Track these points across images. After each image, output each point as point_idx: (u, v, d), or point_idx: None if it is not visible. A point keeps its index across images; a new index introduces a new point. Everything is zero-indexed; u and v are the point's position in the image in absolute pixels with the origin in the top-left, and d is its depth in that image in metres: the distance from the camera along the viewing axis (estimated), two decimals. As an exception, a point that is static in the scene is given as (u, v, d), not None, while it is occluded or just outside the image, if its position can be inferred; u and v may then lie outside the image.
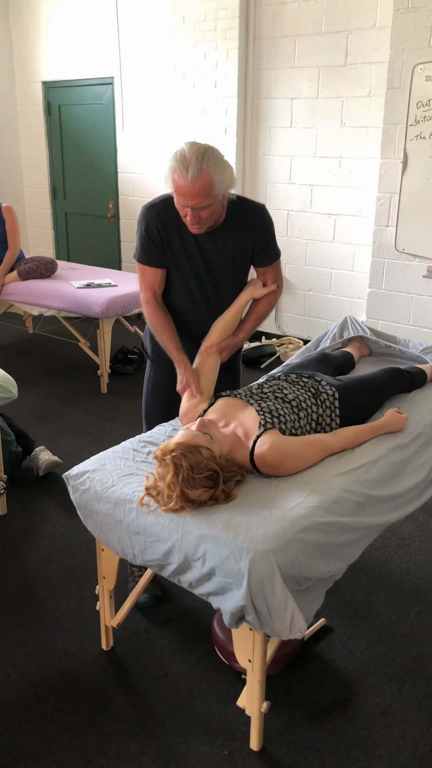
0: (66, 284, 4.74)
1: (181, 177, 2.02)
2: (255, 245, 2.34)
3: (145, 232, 2.29)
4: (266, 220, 2.35)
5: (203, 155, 2.01)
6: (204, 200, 2.05)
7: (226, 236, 2.29)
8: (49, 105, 6.58)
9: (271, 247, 2.38)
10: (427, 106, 3.93)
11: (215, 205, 2.11)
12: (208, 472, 1.77)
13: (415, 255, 4.23)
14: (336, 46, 4.59)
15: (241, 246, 2.32)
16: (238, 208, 2.29)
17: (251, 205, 2.33)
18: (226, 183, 2.09)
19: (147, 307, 2.38)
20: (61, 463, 3.44)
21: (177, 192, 2.07)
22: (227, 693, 2.12)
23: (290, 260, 5.29)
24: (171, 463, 1.77)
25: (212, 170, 2.02)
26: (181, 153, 2.03)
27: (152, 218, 2.27)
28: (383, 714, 2.04)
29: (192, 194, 2.03)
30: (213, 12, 4.97)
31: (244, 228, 2.30)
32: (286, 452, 1.90)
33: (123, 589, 2.49)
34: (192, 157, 2.00)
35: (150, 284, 2.36)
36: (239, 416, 2.02)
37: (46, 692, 2.12)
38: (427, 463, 2.23)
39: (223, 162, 2.07)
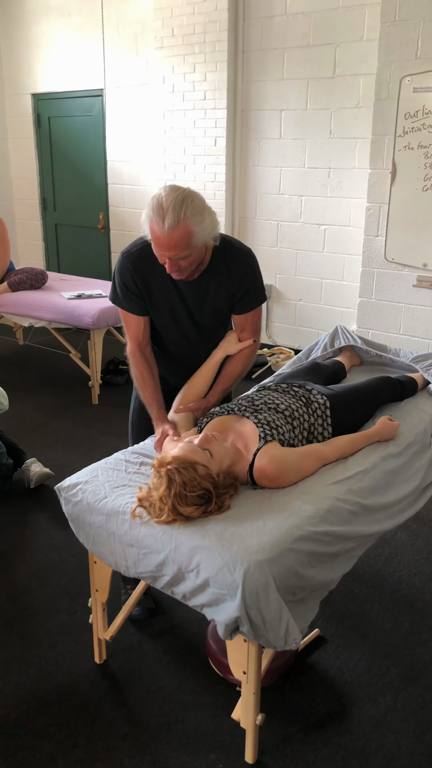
0: (56, 295, 4.73)
1: (158, 228, 1.89)
2: (236, 293, 2.21)
3: (122, 282, 2.20)
4: (251, 269, 2.21)
5: (181, 205, 1.87)
6: (182, 252, 1.93)
7: (208, 283, 2.18)
8: (38, 117, 6.60)
9: (252, 296, 2.24)
10: (415, 118, 3.97)
11: (195, 254, 2.00)
12: (201, 491, 1.75)
13: (405, 264, 4.26)
14: (324, 59, 4.64)
15: (222, 293, 2.20)
16: (223, 252, 2.15)
17: (235, 252, 2.18)
18: (206, 233, 1.96)
19: (131, 359, 2.29)
20: (52, 475, 3.42)
21: (154, 242, 1.96)
22: (222, 705, 2.10)
23: (280, 270, 5.31)
24: (165, 477, 1.75)
25: (190, 221, 1.89)
26: (158, 201, 1.89)
27: (127, 269, 2.17)
28: (378, 724, 2.03)
29: (169, 246, 1.92)
30: (202, 25, 5.01)
31: (228, 276, 2.17)
32: (285, 465, 1.90)
33: (116, 602, 2.47)
34: (169, 207, 1.87)
35: (134, 334, 2.26)
36: (237, 428, 2.00)
37: (39, 707, 2.10)
38: (419, 471, 2.23)
39: (203, 210, 1.93)
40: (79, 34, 5.97)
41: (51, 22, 6.13)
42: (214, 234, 2.01)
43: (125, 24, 5.64)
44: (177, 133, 5.42)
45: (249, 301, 2.26)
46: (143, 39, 5.56)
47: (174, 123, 5.41)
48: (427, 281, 4.20)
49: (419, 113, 3.94)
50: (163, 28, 5.23)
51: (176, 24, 5.15)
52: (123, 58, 5.75)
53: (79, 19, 5.93)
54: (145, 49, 5.57)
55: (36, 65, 6.40)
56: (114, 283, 2.24)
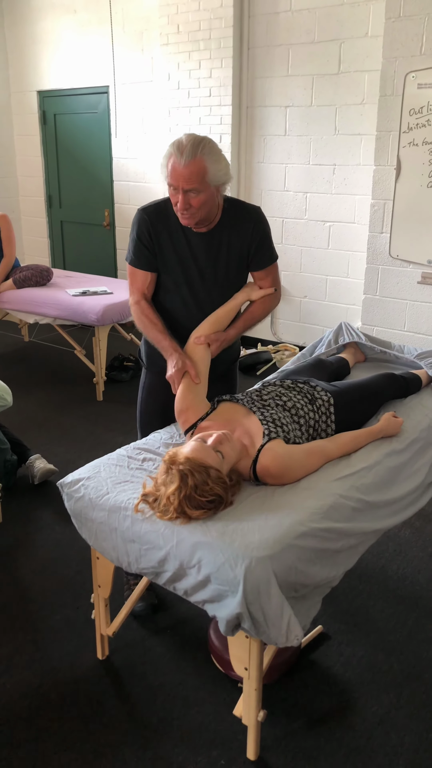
0: (61, 292, 4.74)
1: (176, 161, 2.03)
2: (250, 247, 2.30)
3: (136, 235, 2.28)
4: (261, 222, 2.31)
5: (200, 143, 2.03)
6: (196, 184, 2.04)
7: (220, 238, 2.26)
8: (44, 114, 6.60)
9: (266, 250, 2.35)
10: (419, 114, 3.95)
11: (207, 195, 2.09)
12: (212, 497, 1.73)
13: (410, 261, 4.24)
14: (329, 55, 4.62)
15: (235, 248, 2.29)
16: (232, 209, 2.27)
17: (245, 207, 2.31)
18: (220, 173, 2.08)
19: (136, 308, 2.34)
20: (56, 471, 3.43)
21: (171, 174, 2.06)
22: (224, 702, 2.10)
23: (285, 267, 5.30)
24: (177, 476, 1.72)
25: (207, 158, 2.03)
26: (179, 140, 2.05)
27: (144, 221, 2.26)
28: (381, 722, 2.03)
29: (184, 176, 2.03)
30: (207, 22, 5.00)
31: (238, 229, 2.27)
32: (289, 462, 1.89)
33: (118, 598, 2.47)
34: (188, 143, 2.02)
35: (139, 287, 2.34)
36: (244, 423, 1.99)
37: (41, 702, 2.10)
38: (423, 468, 2.22)
39: (219, 153, 2.08)
40: (84, 31, 5.97)
41: (57, 19, 6.13)
42: (226, 178, 2.13)
43: (130, 21, 5.63)
44: (182, 130, 5.40)
45: (264, 255, 2.35)
46: (148, 36, 5.55)
47: (179, 120, 5.40)
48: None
49: (424, 109, 3.92)
50: (169, 25, 5.21)
51: (181, 20, 5.14)
52: (128, 54, 5.74)
53: (84, 15, 5.92)
54: (151, 46, 5.56)
55: (42, 62, 6.40)
56: (130, 241, 2.33)
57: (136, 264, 2.32)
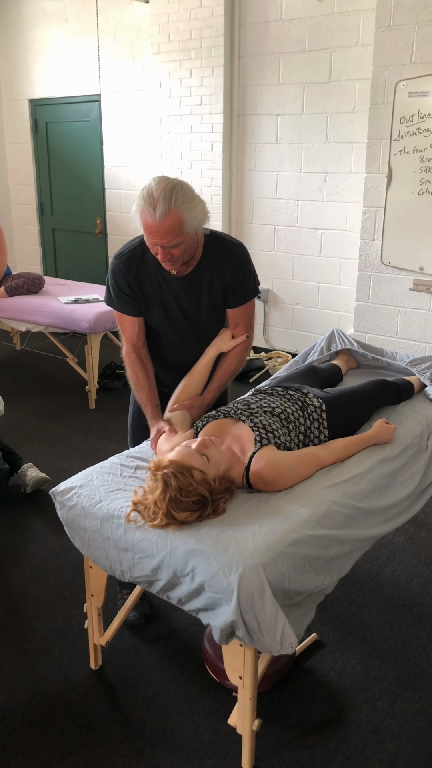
0: (53, 300, 4.73)
1: (149, 216, 1.92)
2: (229, 288, 2.22)
3: (115, 284, 2.22)
4: (243, 264, 2.22)
5: (171, 193, 1.91)
6: (174, 239, 1.96)
7: (200, 279, 2.19)
8: (35, 122, 6.61)
9: (244, 291, 2.25)
10: (410, 122, 3.98)
11: (187, 242, 2.02)
12: (197, 497, 1.73)
13: (401, 268, 4.26)
14: (320, 64, 4.65)
15: (216, 287, 2.21)
16: (213, 247, 2.18)
17: (227, 246, 2.20)
18: (196, 220, 1.99)
19: (127, 359, 2.30)
20: (48, 479, 3.41)
21: (146, 231, 1.98)
22: (218, 711, 2.08)
23: (277, 275, 5.31)
24: (161, 480, 1.74)
25: (181, 208, 1.92)
26: (149, 191, 1.93)
27: (120, 271, 2.19)
28: (376, 730, 2.02)
29: (161, 234, 1.94)
30: (198, 31, 5.03)
31: (220, 269, 2.19)
32: (281, 468, 1.89)
33: (112, 607, 2.46)
34: (159, 195, 1.90)
35: (129, 336, 2.28)
36: (233, 432, 1.99)
37: (34, 713, 2.08)
38: (416, 474, 2.22)
39: (193, 198, 1.97)
40: (76, 39, 5.99)
41: (48, 28, 6.15)
42: (204, 222, 2.05)
43: (122, 30, 5.66)
44: (174, 138, 5.42)
45: (241, 295, 2.27)
46: (140, 44, 5.57)
47: (171, 128, 5.42)
48: (424, 284, 4.20)
49: (414, 117, 3.95)
50: (160, 34, 5.24)
51: (173, 29, 5.16)
52: (120, 63, 5.76)
53: (76, 25, 5.94)
54: (142, 55, 5.58)
55: (33, 71, 6.41)
56: (108, 286, 2.26)
57: (121, 310, 2.26)
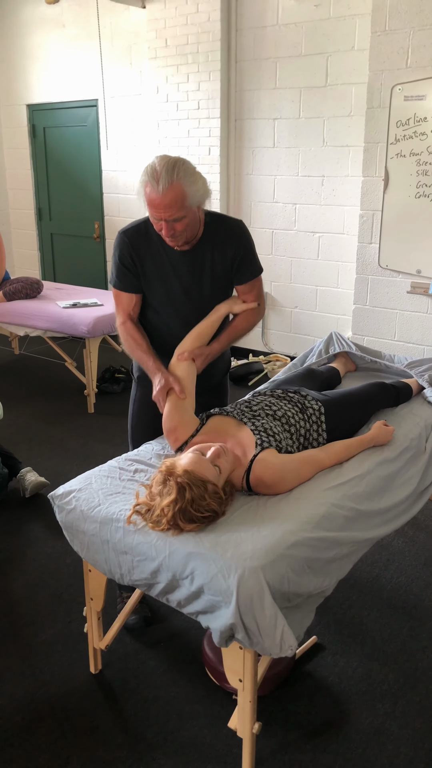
0: (52, 304, 4.73)
1: (152, 190, 2.00)
2: (233, 261, 2.28)
3: (118, 258, 2.27)
4: (244, 235, 2.29)
5: (173, 167, 1.99)
6: (177, 212, 2.02)
7: (203, 255, 2.24)
8: (33, 127, 6.62)
9: (249, 263, 2.31)
10: (406, 125, 3.99)
11: (190, 217, 2.08)
12: (207, 513, 1.72)
13: (399, 271, 4.27)
14: (316, 68, 4.67)
15: (218, 263, 2.27)
16: (214, 224, 2.25)
17: (227, 221, 2.30)
18: (198, 194, 2.06)
19: (122, 328, 2.34)
20: (47, 484, 3.41)
21: (150, 205, 2.04)
22: (218, 715, 2.08)
23: (275, 278, 5.32)
24: (174, 488, 1.71)
25: (183, 181, 2.00)
26: (152, 166, 2.01)
27: (124, 244, 2.24)
28: (377, 732, 2.02)
29: (164, 206, 2.01)
30: (195, 35, 5.04)
31: (221, 244, 2.25)
32: (282, 471, 1.89)
33: (111, 611, 2.45)
34: (162, 169, 1.98)
35: (125, 308, 2.33)
36: (235, 435, 1.99)
37: (34, 718, 2.08)
38: (415, 476, 2.23)
39: (195, 173, 2.05)
40: (73, 45, 6.00)
41: (46, 34, 6.17)
42: (206, 196, 2.12)
43: (119, 35, 5.67)
44: (171, 143, 5.44)
45: (248, 269, 2.32)
46: (137, 49, 5.59)
47: (168, 132, 5.43)
48: (421, 287, 4.21)
49: (411, 121, 3.96)
50: (157, 39, 5.26)
51: (169, 35, 5.18)
52: (117, 68, 5.78)
53: (73, 30, 5.96)
54: (139, 60, 5.60)
55: (31, 76, 6.43)
56: (112, 263, 2.32)
57: (120, 287, 2.31)
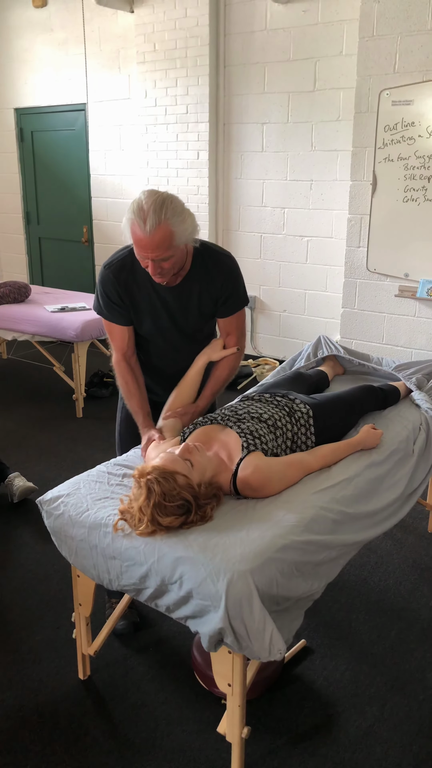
0: (40, 308, 4.72)
1: (139, 230, 1.92)
2: (220, 297, 2.24)
3: (104, 293, 2.22)
4: (233, 274, 2.24)
5: (161, 206, 1.91)
6: (164, 252, 1.96)
7: (191, 287, 2.20)
8: (21, 131, 6.61)
9: (234, 299, 2.27)
10: (394, 130, 4.02)
11: (177, 255, 2.03)
12: (180, 501, 1.74)
13: (387, 275, 4.29)
14: (304, 73, 4.69)
15: (206, 297, 2.23)
16: (203, 257, 2.19)
17: (215, 256, 2.22)
18: (186, 233, 1.99)
19: (117, 368, 2.30)
20: (36, 489, 3.39)
21: (136, 245, 1.98)
22: (207, 720, 2.07)
23: (264, 282, 5.33)
24: (144, 487, 1.74)
25: (171, 221, 1.92)
26: (138, 204, 1.93)
27: (109, 279, 2.19)
28: (366, 735, 2.02)
29: (151, 247, 1.94)
30: (183, 40, 5.06)
31: (209, 279, 2.20)
32: (269, 474, 1.89)
33: (100, 617, 2.44)
34: (150, 209, 1.90)
35: (119, 345, 2.28)
36: (221, 438, 1.99)
37: (22, 725, 2.06)
38: (403, 479, 2.23)
39: (183, 211, 1.97)
40: (61, 49, 6.00)
41: (34, 38, 6.16)
42: (194, 234, 2.05)
43: (107, 39, 5.68)
44: (160, 147, 5.44)
45: (232, 305, 2.29)
46: (125, 54, 5.60)
47: (157, 137, 5.44)
48: (409, 291, 4.23)
49: (398, 126, 3.99)
50: (145, 44, 5.27)
51: (158, 39, 5.19)
52: (105, 72, 5.78)
53: (61, 34, 5.96)
54: (127, 64, 5.60)
55: (19, 80, 6.42)
56: (97, 295, 2.26)
57: (111, 319, 2.26)
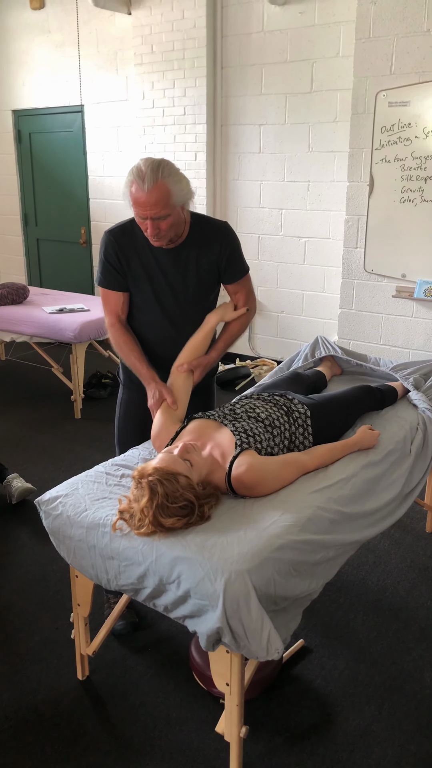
0: (38, 310, 4.72)
1: (138, 189, 2.05)
2: (220, 261, 2.33)
3: (104, 257, 2.31)
4: (229, 235, 2.34)
5: (158, 166, 2.04)
6: (162, 209, 2.07)
7: (188, 253, 2.29)
8: (19, 133, 6.61)
9: (237, 263, 2.37)
10: (391, 131, 4.03)
11: (174, 216, 2.12)
12: (184, 502, 1.74)
13: (384, 275, 4.30)
14: (301, 74, 4.70)
15: (204, 263, 2.31)
16: (200, 225, 2.30)
17: (213, 222, 2.35)
18: (183, 193, 2.11)
19: (112, 330, 2.38)
20: (34, 490, 3.40)
21: (135, 204, 2.08)
22: (206, 719, 2.08)
23: (262, 283, 5.34)
24: (147, 488, 1.74)
25: (168, 180, 2.05)
26: (137, 167, 2.06)
27: (110, 242, 2.29)
28: (364, 734, 2.02)
29: (150, 204, 2.05)
30: (180, 42, 5.07)
31: (207, 244, 2.29)
32: (263, 473, 1.90)
33: (99, 617, 2.45)
34: (147, 168, 2.03)
35: (113, 309, 2.37)
36: (215, 437, 2.00)
37: (21, 725, 2.07)
38: (400, 479, 2.24)
39: (179, 173, 2.10)
40: (59, 51, 6.01)
41: (31, 40, 6.17)
42: (189, 196, 2.16)
43: (104, 41, 5.69)
44: (157, 148, 5.45)
45: (235, 267, 2.37)
46: (123, 56, 5.61)
47: (154, 138, 5.45)
48: (406, 291, 4.24)
49: (395, 127, 4.00)
50: (143, 45, 5.27)
51: (155, 41, 5.20)
52: (103, 74, 5.79)
53: (58, 36, 5.97)
54: (125, 66, 5.61)
55: (16, 82, 6.42)
56: (99, 263, 2.35)
57: (107, 285, 2.35)
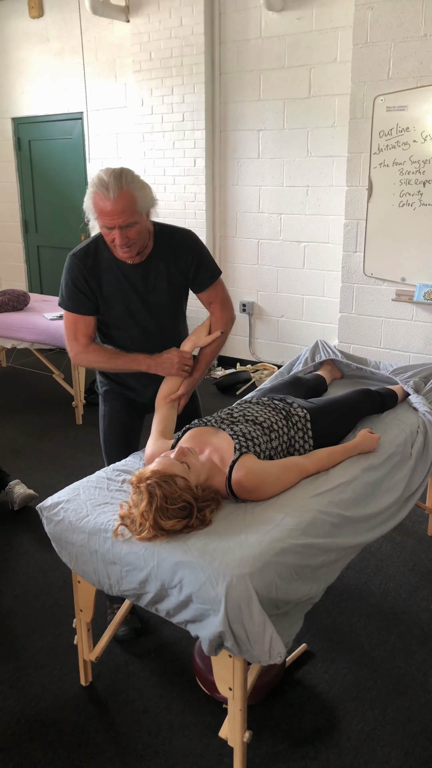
0: (39, 316, 4.73)
1: (103, 198, 2.02)
2: (188, 269, 2.30)
3: (71, 282, 2.24)
4: (195, 243, 2.32)
5: (120, 174, 2.03)
6: (129, 217, 2.04)
7: (157, 266, 2.26)
8: (19, 140, 6.64)
9: (206, 268, 2.33)
10: (389, 136, 4.04)
11: (141, 223, 2.10)
12: (182, 503, 1.75)
13: (383, 279, 4.31)
14: (299, 80, 4.72)
15: (173, 274, 2.28)
16: (164, 235, 2.27)
17: (177, 231, 2.31)
18: (147, 199, 2.10)
19: (86, 352, 2.31)
20: (36, 496, 3.40)
21: (101, 214, 2.05)
22: (209, 725, 2.08)
23: (262, 287, 5.35)
24: (145, 491, 1.75)
25: (132, 186, 2.04)
26: (98, 177, 2.04)
27: (76, 266, 2.22)
28: (367, 739, 2.02)
29: (117, 212, 2.03)
30: (179, 49, 5.09)
31: (174, 253, 2.27)
32: (263, 477, 1.90)
33: (101, 622, 2.45)
34: (110, 177, 2.02)
35: (84, 332, 2.30)
36: (213, 442, 2.00)
37: (24, 731, 2.07)
38: (400, 482, 2.24)
39: (141, 180, 2.09)
40: (58, 59, 6.04)
41: (30, 48, 6.20)
42: (153, 203, 2.15)
43: (103, 48, 5.72)
44: (156, 155, 5.47)
45: (204, 275, 2.34)
46: (121, 63, 5.63)
47: (153, 144, 5.47)
48: (406, 295, 4.25)
49: (393, 131, 4.02)
50: (141, 52, 5.30)
51: (153, 48, 5.23)
52: (102, 81, 5.82)
53: (57, 44, 6.00)
54: (124, 73, 5.64)
55: (15, 90, 6.46)
56: (62, 287, 2.28)
57: (76, 310, 2.27)
